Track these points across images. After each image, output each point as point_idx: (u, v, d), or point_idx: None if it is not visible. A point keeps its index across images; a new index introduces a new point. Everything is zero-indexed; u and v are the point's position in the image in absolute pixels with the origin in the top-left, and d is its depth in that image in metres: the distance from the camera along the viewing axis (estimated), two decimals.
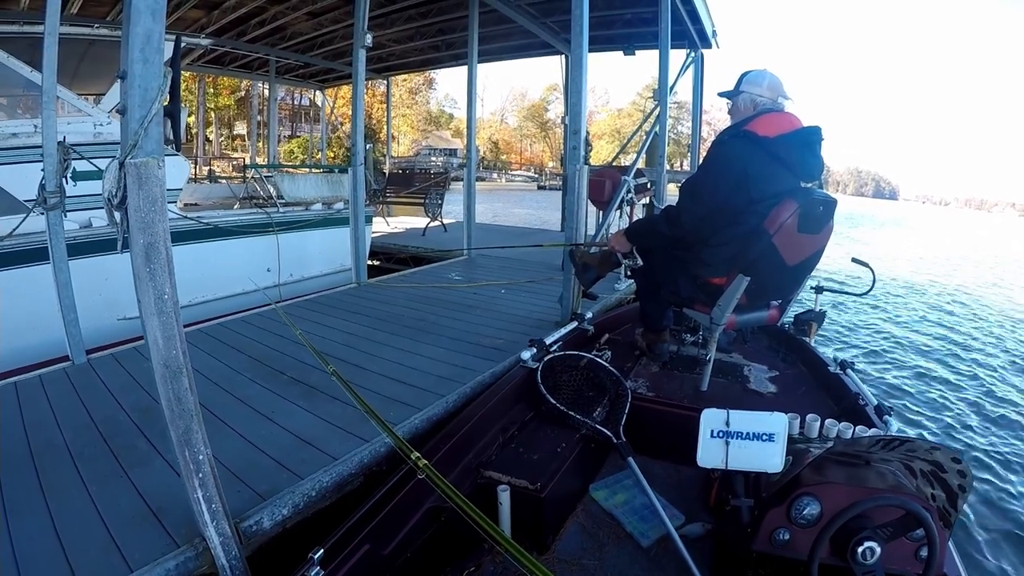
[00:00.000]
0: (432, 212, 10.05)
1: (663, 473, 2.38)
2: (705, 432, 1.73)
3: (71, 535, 1.86)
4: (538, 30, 8.28)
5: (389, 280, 6.20)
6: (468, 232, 7.65)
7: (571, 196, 4.16)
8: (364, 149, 5.73)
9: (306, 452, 2.43)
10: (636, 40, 9.03)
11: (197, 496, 1.64)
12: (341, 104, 20.31)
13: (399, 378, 3.27)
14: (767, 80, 2.55)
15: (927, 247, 25.61)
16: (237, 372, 3.34)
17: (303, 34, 10.02)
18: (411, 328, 4.24)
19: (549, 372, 2.64)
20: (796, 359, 3.23)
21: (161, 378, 1.54)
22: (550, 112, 63.32)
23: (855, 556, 1.40)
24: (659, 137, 7.08)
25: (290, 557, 1.58)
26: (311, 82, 13.80)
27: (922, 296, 12.27)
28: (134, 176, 1.43)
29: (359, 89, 5.51)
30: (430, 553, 1.84)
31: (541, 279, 5.94)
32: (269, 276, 6.33)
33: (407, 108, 51.30)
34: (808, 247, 2.49)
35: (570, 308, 4.23)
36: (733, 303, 2.49)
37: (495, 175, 53.34)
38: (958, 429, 5.26)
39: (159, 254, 1.48)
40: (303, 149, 30.79)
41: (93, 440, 2.50)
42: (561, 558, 1.91)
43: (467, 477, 2.08)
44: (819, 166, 2.48)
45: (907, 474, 1.58)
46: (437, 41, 10.28)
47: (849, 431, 2.08)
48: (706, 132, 16.32)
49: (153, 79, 1.42)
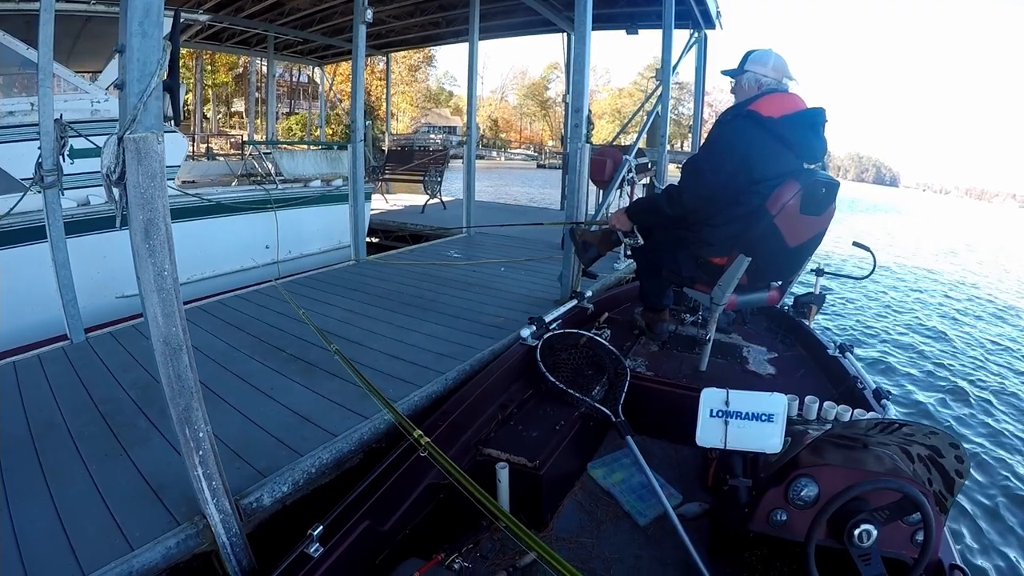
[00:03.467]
0: (431, 190, 9.98)
1: (661, 452, 2.39)
2: (704, 411, 1.73)
3: (72, 514, 1.87)
4: (540, 7, 8.16)
5: (388, 257, 6.18)
6: (468, 210, 7.62)
7: (572, 174, 4.13)
8: (364, 126, 5.68)
9: (306, 429, 2.44)
10: (639, 19, 8.92)
11: (197, 473, 1.64)
12: (340, 81, 20.09)
13: (398, 355, 3.28)
14: (772, 60, 2.52)
15: (927, 233, 25.58)
16: (236, 349, 3.34)
17: (302, 10, 9.87)
18: (410, 305, 4.24)
19: (548, 350, 2.64)
20: (795, 341, 3.23)
21: (161, 356, 1.53)
22: (550, 90, 62.75)
23: (851, 538, 1.41)
24: (661, 117, 7.02)
25: (290, 534, 1.59)
26: (310, 58, 13.63)
27: (922, 281, 12.29)
28: (133, 151, 1.41)
29: (359, 65, 5.44)
30: (429, 529, 1.85)
31: (541, 257, 5.93)
32: (268, 253, 6.31)
33: (406, 85, 50.71)
34: (810, 229, 2.47)
35: (570, 286, 4.22)
36: (734, 283, 2.48)
37: (495, 153, 52.97)
38: (956, 414, 5.30)
39: (158, 230, 1.47)
40: (302, 126, 30.57)
41: (93, 419, 2.51)
42: (559, 535, 1.93)
43: (466, 454, 2.09)
44: (822, 148, 2.45)
45: (904, 458, 1.59)
46: (437, 17, 10.13)
47: (847, 414, 2.09)
48: (708, 113, 16.13)
49: (152, 53, 1.39)
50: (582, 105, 4.04)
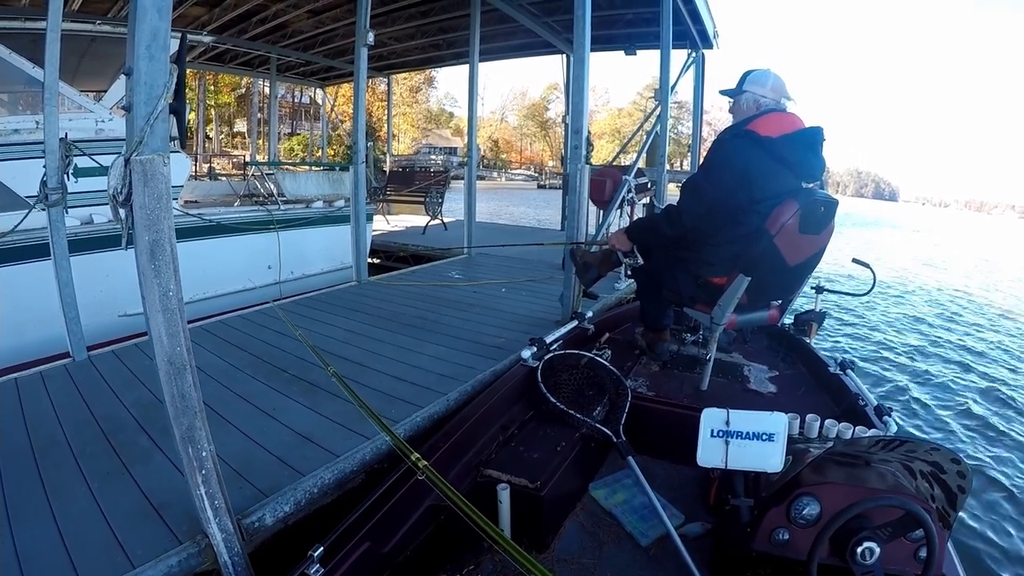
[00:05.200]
0: (432, 210, 10.03)
1: (663, 472, 2.38)
2: (705, 431, 1.73)
3: (73, 532, 1.86)
4: (540, 29, 8.27)
5: (390, 278, 6.21)
6: (468, 231, 7.65)
7: (572, 195, 4.15)
8: (365, 147, 5.73)
9: (308, 449, 2.43)
10: (637, 40, 9.04)
11: (200, 492, 1.64)
12: (341, 102, 20.32)
13: (400, 376, 3.28)
14: (771, 81, 2.55)
15: (926, 248, 25.61)
16: (238, 369, 3.34)
17: (304, 32, 10.02)
18: (412, 326, 4.25)
19: (549, 371, 2.64)
20: (796, 359, 3.23)
21: (165, 375, 1.55)
22: (550, 111, 63.29)
23: (854, 556, 1.40)
24: (660, 137, 7.09)
25: (292, 554, 1.58)
26: (312, 80, 13.81)
27: (922, 297, 12.27)
28: (140, 173, 1.43)
29: (361, 86, 5.51)
30: (430, 551, 1.84)
31: (541, 278, 5.94)
32: (270, 273, 6.32)
33: (407, 107, 51.19)
34: (809, 247, 2.49)
35: (570, 307, 4.23)
36: (734, 303, 2.49)
37: (495, 174, 53.31)
38: (958, 430, 5.26)
39: (164, 251, 1.49)
40: (303, 147, 30.77)
41: (94, 437, 2.51)
42: (561, 557, 1.92)
43: (467, 475, 2.08)
44: (820, 167, 2.48)
45: (907, 475, 1.58)
46: (438, 40, 10.28)
47: (849, 431, 2.09)
48: (706, 132, 16.29)
49: (159, 76, 1.42)
50: (581, 126, 4.08)
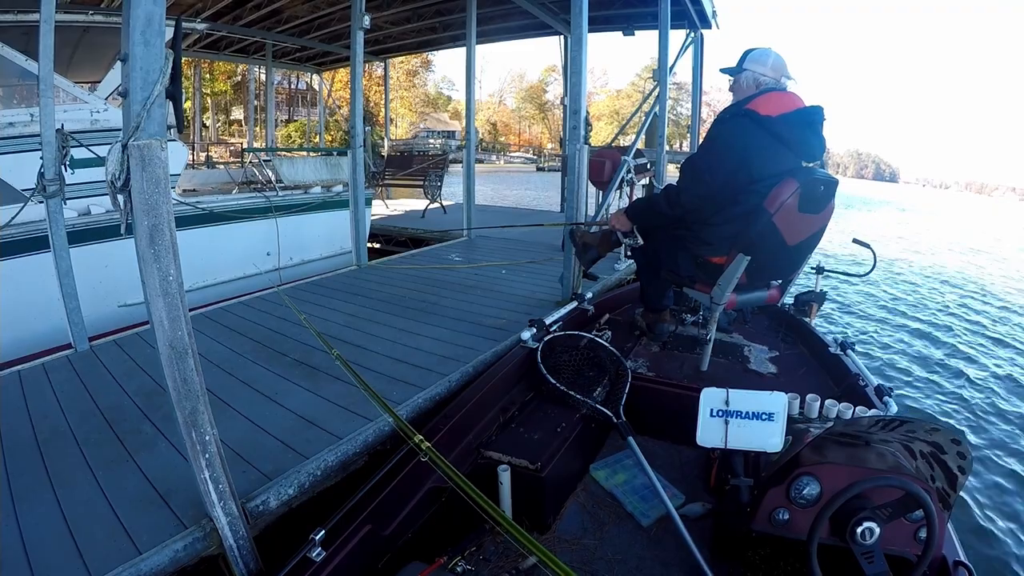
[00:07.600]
0: (431, 194, 10.00)
1: (663, 453, 2.40)
2: (705, 411, 1.74)
3: (79, 520, 1.88)
4: (537, 10, 8.17)
5: (389, 262, 6.19)
6: (468, 213, 7.63)
7: (571, 176, 4.14)
8: (363, 132, 5.70)
9: (311, 432, 2.45)
10: (635, 20, 8.94)
11: (204, 477, 1.65)
12: (338, 87, 20.14)
13: (401, 358, 3.29)
14: (771, 59, 2.52)
15: (927, 229, 25.55)
16: (240, 355, 3.35)
17: (299, 17, 9.89)
18: (412, 309, 4.25)
19: (549, 352, 2.65)
20: (796, 339, 3.24)
21: (167, 359, 1.55)
22: (548, 93, 62.83)
23: (854, 536, 1.40)
24: (659, 118, 7.06)
25: (296, 536, 1.59)
26: (308, 65, 13.66)
27: (923, 277, 12.27)
28: (137, 158, 1.43)
29: (358, 71, 5.46)
30: (431, 533, 1.86)
31: (541, 259, 5.93)
32: (269, 260, 6.33)
33: (405, 91, 50.83)
34: (809, 227, 2.48)
35: (570, 288, 4.23)
36: (733, 282, 2.49)
37: (494, 157, 53.06)
38: (958, 410, 5.29)
39: (163, 235, 1.48)
40: (301, 133, 30.60)
41: (98, 425, 2.52)
42: (562, 537, 1.94)
43: (468, 457, 2.09)
44: (821, 146, 2.46)
45: (907, 455, 1.59)
46: (435, 22, 10.15)
47: (849, 411, 2.10)
48: (706, 113, 16.17)
49: (154, 61, 1.41)
50: (580, 107, 4.05)
